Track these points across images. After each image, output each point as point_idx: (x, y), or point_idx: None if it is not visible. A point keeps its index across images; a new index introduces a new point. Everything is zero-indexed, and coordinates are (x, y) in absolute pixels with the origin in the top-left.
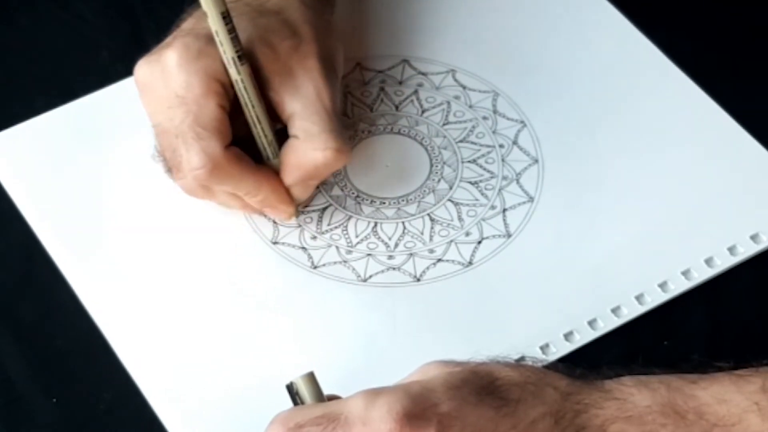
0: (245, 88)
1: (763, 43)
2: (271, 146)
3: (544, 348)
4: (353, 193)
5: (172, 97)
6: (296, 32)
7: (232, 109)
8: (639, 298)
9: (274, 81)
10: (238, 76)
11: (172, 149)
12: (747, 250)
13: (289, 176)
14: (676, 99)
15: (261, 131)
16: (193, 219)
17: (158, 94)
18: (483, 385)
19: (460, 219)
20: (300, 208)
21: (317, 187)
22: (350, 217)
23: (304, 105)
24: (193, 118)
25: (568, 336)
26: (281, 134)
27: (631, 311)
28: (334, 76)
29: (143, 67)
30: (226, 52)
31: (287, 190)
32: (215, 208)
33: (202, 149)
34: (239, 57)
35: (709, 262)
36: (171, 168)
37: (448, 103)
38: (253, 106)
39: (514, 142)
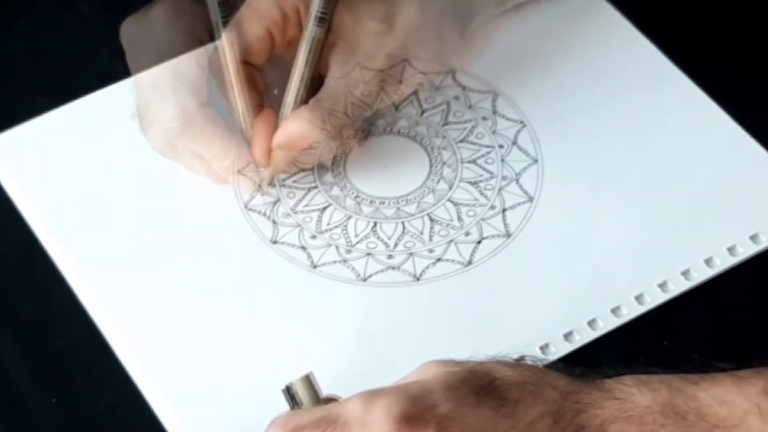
0: (225, 54)
1: (763, 43)
2: (245, 116)
3: (543, 348)
4: (353, 193)
5: (153, 52)
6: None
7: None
8: (639, 298)
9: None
10: (218, 41)
11: (146, 104)
12: (746, 251)
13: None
14: (675, 99)
15: (237, 100)
16: (192, 219)
17: (142, 50)
18: (482, 385)
19: (459, 219)
20: (263, 185)
21: (317, 187)
22: (350, 217)
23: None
24: (171, 72)
25: (567, 336)
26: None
27: (631, 311)
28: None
29: (130, 23)
30: (212, 16)
31: (255, 161)
32: (215, 208)
33: (178, 101)
34: (224, 23)
35: (708, 262)
36: (143, 124)
37: (448, 103)
38: (230, 75)
39: (514, 143)
